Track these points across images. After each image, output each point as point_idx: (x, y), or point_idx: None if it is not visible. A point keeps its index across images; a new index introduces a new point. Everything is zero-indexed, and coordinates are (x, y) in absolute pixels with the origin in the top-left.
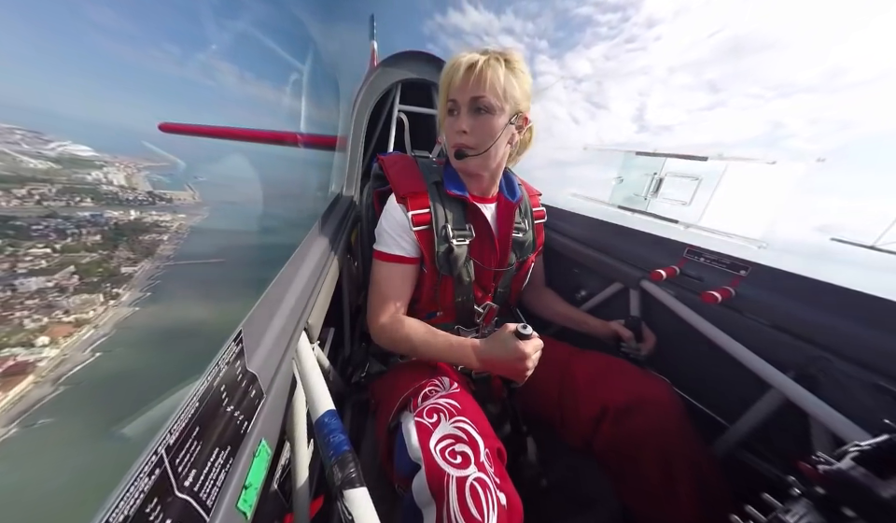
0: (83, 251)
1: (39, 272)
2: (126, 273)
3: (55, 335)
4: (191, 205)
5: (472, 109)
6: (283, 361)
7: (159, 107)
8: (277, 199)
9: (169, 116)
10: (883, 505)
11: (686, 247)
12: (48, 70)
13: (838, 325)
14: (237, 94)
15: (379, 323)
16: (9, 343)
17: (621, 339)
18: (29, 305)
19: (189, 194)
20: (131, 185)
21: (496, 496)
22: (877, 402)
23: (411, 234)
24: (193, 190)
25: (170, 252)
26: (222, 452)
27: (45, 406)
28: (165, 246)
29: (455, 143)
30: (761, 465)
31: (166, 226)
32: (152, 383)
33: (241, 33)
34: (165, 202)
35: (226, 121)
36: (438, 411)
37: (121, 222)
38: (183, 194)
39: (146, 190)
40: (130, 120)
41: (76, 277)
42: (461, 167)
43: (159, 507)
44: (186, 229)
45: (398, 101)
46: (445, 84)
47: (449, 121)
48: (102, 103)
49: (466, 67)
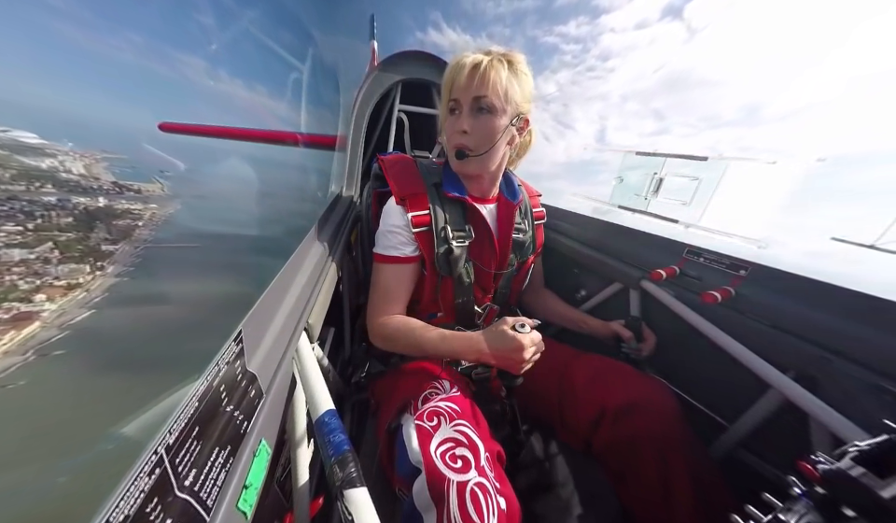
0: (57, 231)
1: (18, 245)
2: (107, 250)
3: (51, 295)
4: (162, 197)
5: (474, 109)
6: (283, 361)
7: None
8: (248, 197)
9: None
10: (883, 505)
11: (686, 247)
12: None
13: (838, 325)
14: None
15: (378, 323)
16: (9, 298)
17: (621, 339)
18: (17, 272)
19: (157, 186)
20: (92, 174)
21: (496, 501)
22: (877, 402)
23: (410, 236)
24: (161, 183)
25: (147, 236)
26: (222, 452)
27: (53, 343)
28: (142, 230)
29: (456, 143)
30: (761, 465)
31: (139, 214)
32: (143, 340)
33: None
34: (134, 192)
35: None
36: (438, 414)
37: (91, 208)
38: (151, 186)
39: (110, 181)
40: (77, 110)
41: (56, 251)
42: (460, 169)
43: (159, 507)
44: (160, 217)
45: (398, 101)
46: (448, 83)
47: (450, 121)
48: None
49: (470, 67)
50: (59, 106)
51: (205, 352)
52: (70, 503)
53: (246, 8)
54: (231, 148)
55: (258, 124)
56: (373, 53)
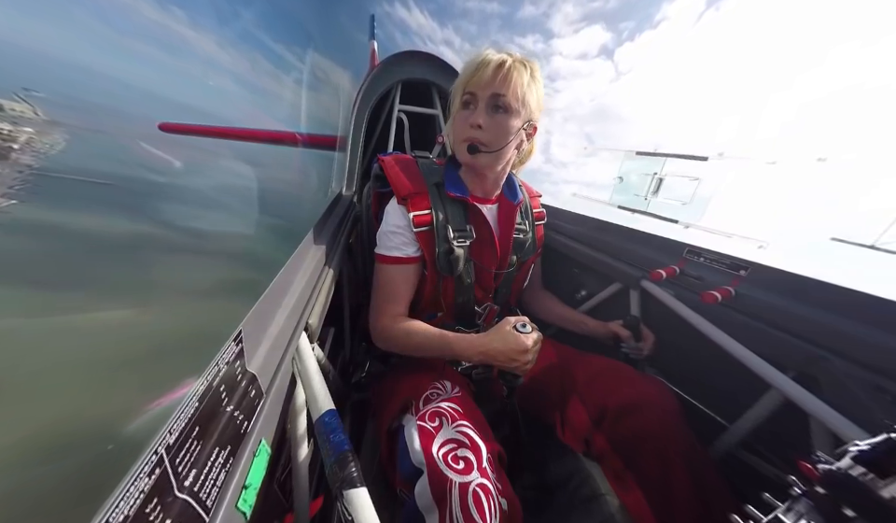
0: None
1: None
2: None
3: None
4: (38, 122)
5: (490, 106)
6: (283, 361)
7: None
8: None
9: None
10: (883, 505)
11: (686, 247)
12: None
13: (838, 325)
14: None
15: (380, 324)
16: None
17: (620, 339)
18: None
19: (26, 108)
20: None
21: (498, 502)
22: (877, 402)
23: (412, 236)
24: (31, 104)
25: (30, 162)
26: (222, 452)
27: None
28: (20, 154)
29: (469, 136)
30: (761, 465)
31: (10, 135)
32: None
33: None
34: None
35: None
36: (440, 415)
37: None
38: (18, 106)
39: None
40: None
41: None
42: (470, 163)
43: (159, 507)
44: (48, 145)
45: (398, 101)
46: (467, 77)
47: (463, 115)
48: None
49: (496, 65)
50: None
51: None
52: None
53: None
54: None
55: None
56: (373, 53)
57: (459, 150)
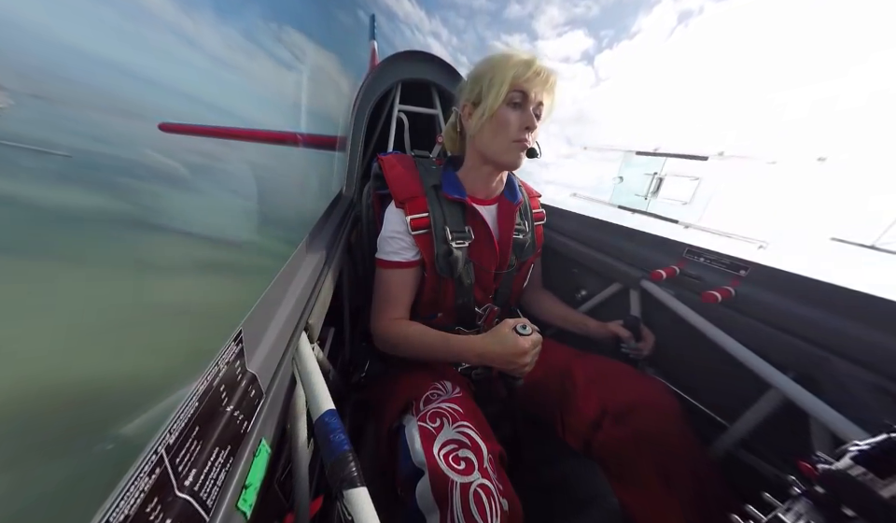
0: None
1: None
2: None
3: None
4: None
5: (535, 112)
6: (283, 361)
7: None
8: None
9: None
10: (883, 505)
11: (686, 247)
12: None
13: (838, 325)
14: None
15: (380, 327)
16: None
17: (620, 339)
18: None
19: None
20: None
21: (499, 502)
22: (877, 402)
23: (411, 240)
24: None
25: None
26: (222, 452)
27: None
28: None
29: (522, 138)
30: (761, 465)
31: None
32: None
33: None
34: None
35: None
36: (440, 415)
37: None
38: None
39: None
40: None
41: None
42: (516, 165)
43: (159, 507)
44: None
45: (398, 101)
46: (519, 74)
47: (514, 115)
48: None
49: (547, 73)
50: None
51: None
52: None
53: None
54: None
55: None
56: (373, 53)
57: (506, 149)
